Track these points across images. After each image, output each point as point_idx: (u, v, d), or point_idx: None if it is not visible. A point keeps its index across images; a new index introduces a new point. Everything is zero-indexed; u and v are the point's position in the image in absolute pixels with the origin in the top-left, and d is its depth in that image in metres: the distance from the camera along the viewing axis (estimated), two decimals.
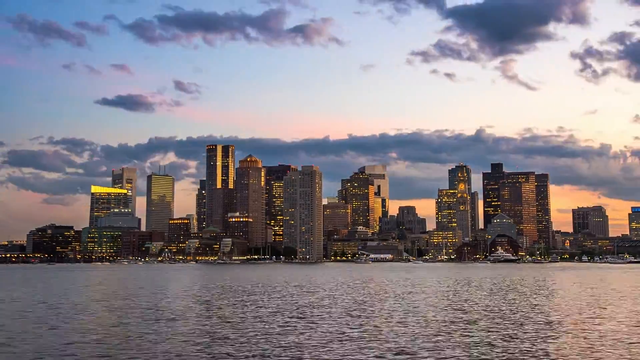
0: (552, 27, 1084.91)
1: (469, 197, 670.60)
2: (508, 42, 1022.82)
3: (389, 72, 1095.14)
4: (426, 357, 35.13)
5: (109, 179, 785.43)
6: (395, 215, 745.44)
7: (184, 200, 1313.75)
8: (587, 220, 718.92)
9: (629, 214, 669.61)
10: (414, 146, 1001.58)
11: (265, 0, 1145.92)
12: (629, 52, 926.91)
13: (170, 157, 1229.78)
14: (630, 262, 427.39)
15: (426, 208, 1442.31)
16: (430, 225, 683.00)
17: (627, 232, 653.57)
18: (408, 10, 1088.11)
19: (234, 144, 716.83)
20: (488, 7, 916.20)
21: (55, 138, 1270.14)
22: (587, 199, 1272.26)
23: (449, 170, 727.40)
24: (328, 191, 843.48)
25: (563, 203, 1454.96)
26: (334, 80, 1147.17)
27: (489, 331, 45.37)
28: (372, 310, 62.20)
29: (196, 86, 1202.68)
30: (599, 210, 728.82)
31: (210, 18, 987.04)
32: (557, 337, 42.36)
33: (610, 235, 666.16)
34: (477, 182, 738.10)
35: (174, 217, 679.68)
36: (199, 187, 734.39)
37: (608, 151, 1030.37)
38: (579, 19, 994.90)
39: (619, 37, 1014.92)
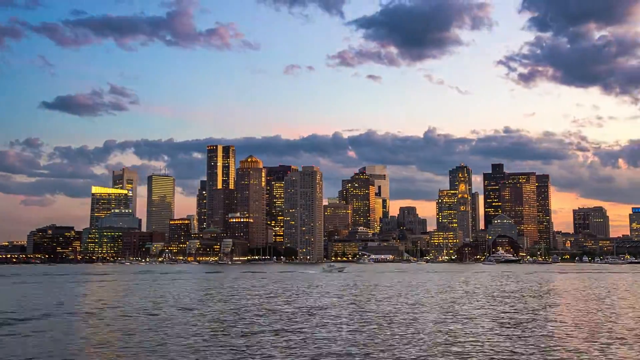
0: (457, 32, 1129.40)
1: (469, 198, 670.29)
2: (422, 48, 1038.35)
3: (317, 75, 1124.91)
4: None
5: (82, 180, 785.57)
6: (396, 215, 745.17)
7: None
8: (588, 221, 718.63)
9: (630, 215, 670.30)
10: (370, 148, 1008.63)
11: (166, 3, 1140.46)
12: (547, 56, 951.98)
13: (133, 159, 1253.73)
14: (631, 262, 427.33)
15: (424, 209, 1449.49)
16: (431, 226, 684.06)
17: (628, 233, 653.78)
18: (311, 17, 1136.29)
19: (197, 145, 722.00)
20: (389, 15, 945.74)
21: (10, 140, 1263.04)
22: (565, 199, 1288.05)
23: (449, 170, 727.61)
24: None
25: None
26: (266, 81, 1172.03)
27: None
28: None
29: (131, 89, 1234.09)
30: (599, 211, 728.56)
31: (122, 21, 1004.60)
32: None
33: (610, 236, 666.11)
34: (478, 182, 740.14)
35: (175, 218, 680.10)
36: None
37: (567, 151, 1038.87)
38: (478, 24, 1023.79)
39: (535, 43, 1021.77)
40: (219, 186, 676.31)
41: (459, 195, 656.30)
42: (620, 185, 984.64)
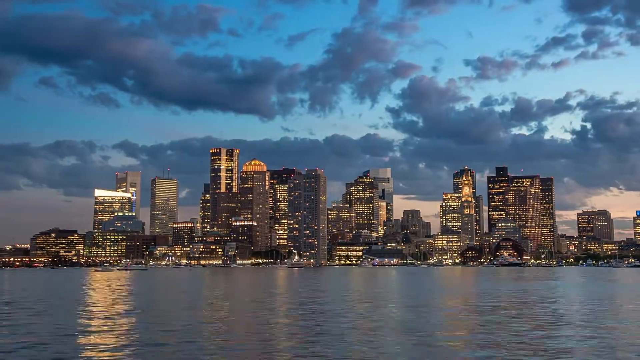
0: None
1: (473, 201, 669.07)
2: None
3: None
4: None
5: None
6: (400, 219, 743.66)
7: None
8: (592, 224, 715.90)
9: (634, 218, 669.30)
10: None
11: None
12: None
13: None
14: (636, 265, 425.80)
15: None
16: (435, 229, 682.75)
17: (632, 236, 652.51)
18: None
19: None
20: None
21: None
22: None
23: (453, 173, 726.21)
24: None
25: None
26: None
27: None
28: None
29: None
30: (603, 214, 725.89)
31: None
32: None
33: (615, 239, 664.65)
34: (482, 185, 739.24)
35: (178, 221, 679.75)
36: None
37: None
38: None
39: None
40: (223, 189, 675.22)
41: (463, 199, 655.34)
42: None
